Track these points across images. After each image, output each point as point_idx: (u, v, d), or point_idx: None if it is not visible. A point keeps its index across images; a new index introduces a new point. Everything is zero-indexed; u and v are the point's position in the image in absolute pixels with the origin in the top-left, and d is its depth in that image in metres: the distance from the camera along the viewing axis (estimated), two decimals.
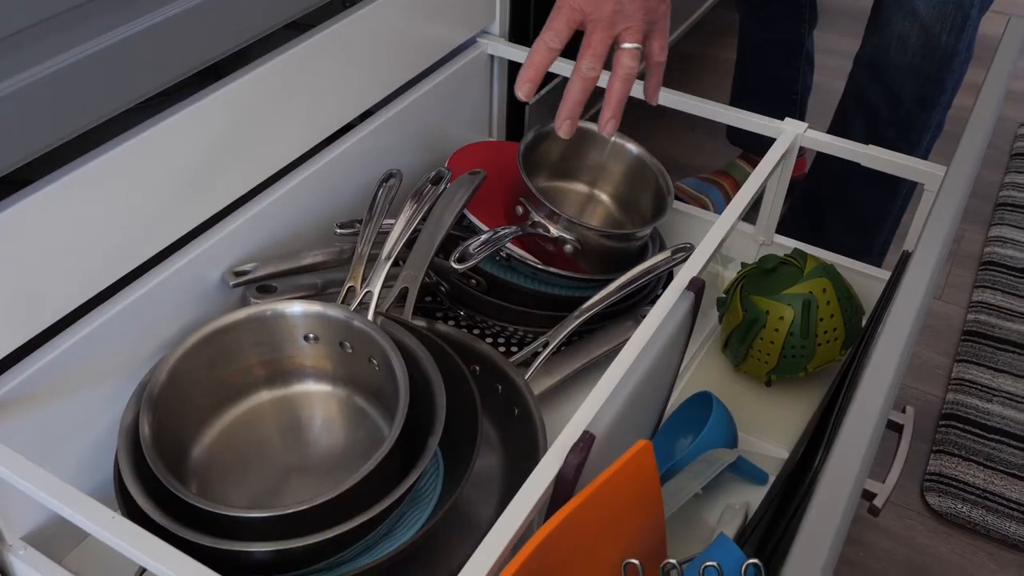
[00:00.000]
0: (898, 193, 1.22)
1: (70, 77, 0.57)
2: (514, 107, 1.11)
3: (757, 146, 1.43)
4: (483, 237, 0.78)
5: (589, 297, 0.80)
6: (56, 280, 0.62)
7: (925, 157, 1.17)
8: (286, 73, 0.75)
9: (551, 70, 0.95)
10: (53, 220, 0.60)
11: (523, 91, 0.76)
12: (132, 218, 0.66)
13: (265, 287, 0.77)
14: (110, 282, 0.66)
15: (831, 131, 1.22)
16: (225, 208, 0.74)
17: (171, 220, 0.69)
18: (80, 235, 0.62)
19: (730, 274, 1.00)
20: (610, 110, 0.76)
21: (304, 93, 0.78)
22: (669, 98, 0.91)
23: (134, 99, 0.62)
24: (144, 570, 0.63)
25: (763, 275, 0.85)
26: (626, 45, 0.74)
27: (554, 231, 0.81)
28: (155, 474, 0.59)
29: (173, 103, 0.67)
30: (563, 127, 0.77)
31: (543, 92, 1.18)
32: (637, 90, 0.93)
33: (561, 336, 0.78)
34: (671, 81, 0.85)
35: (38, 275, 0.60)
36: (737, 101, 1.45)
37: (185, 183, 0.69)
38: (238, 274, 0.75)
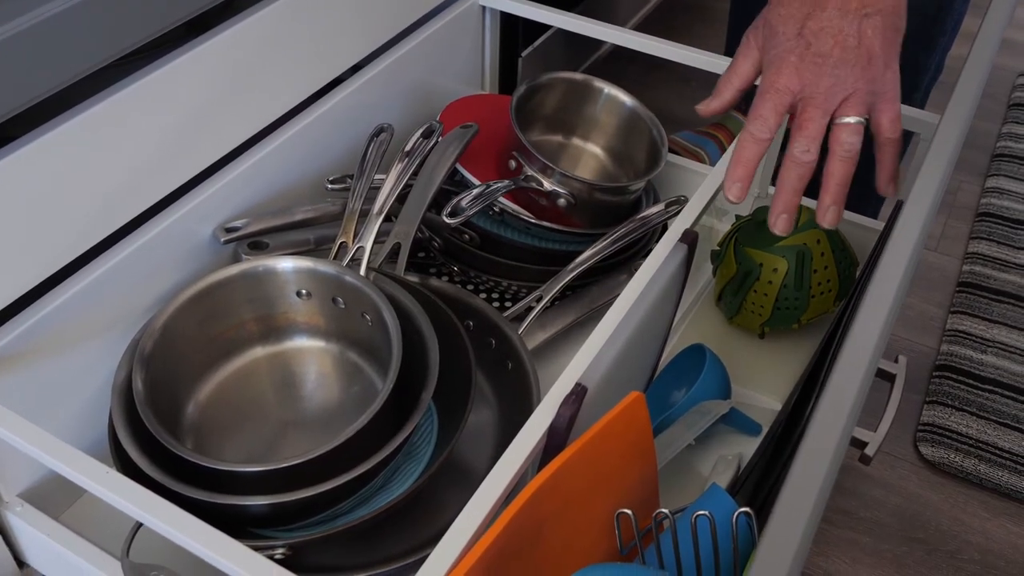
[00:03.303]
0: None
1: (53, 29, 0.56)
2: (506, 60, 1.09)
3: (753, 97, 1.42)
4: (475, 191, 0.77)
5: (582, 251, 0.80)
6: (43, 238, 0.61)
7: (924, 100, 1.16)
8: (274, 25, 0.73)
9: (545, 22, 0.95)
10: (39, 177, 0.59)
11: (733, 193, 0.66)
12: (119, 174, 0.65)
13: (256, 243, 0.76)
14: (98, 240, 0.66)
15: None
16: (215, 164, 0.74)
17: (159, 176, 0.69)
18: (66, 192, 0.62)
19: (724, 227, 0.99)
20: (830, 196, 0.66)
21: (293, 46, 0.76)
22: (664, 49, 0.89)
23: (118, 52, 0.61)
24: (141, 525, 0.63)
25: (757, 227, 0.85)
26: (847, 119, 0.63)
27: (547, 185, 0.80)
28: (150, 430, 0.59)
29: (159, 57, 0.66)
30: (779, 223, 0.67)
31: (536, 44, 1.16)
32: (624, 39, 0.92)
33: (554, 290, 0.78)
34: (667, 31, 0.84)
35: (25, 233, 0.60)
36: (731, 50, 1.43)
37: (173, 138, 0.68)
38: (229, 230, 0.75)
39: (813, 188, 1.07)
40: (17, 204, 0.59)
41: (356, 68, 0.87)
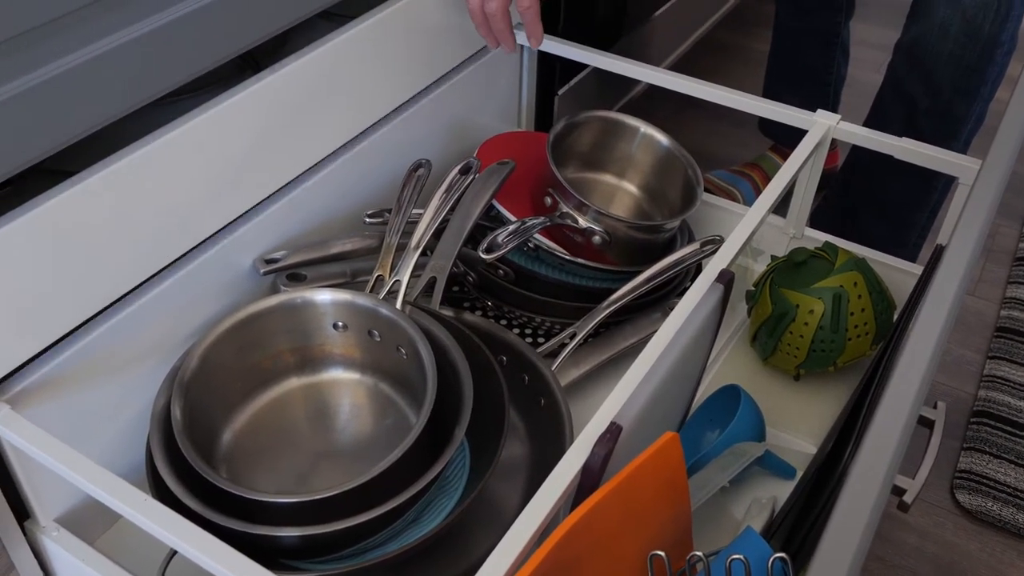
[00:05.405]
0: (933, 187, 1.20)
1: (104, 65, 0.57)
2: (543, 98, 1.11)
3: (789, 138, 1.42)
4: (511, 227, 0.78)
5: (617, 289, 0.80)
6: (99, 270, 0.62)
7: (964, 150, 1.16)
8: (325, 66, 0.75)
9: (582, 61, 0.96)
10: (96, 211, 0.61)
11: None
12: (173, 210, 0.66)
13: (295, 275, 0.77)
14: (152, 272, 0.67)
15: (868, 121, 1.21)
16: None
17: (211, 212, 0.70)
18: (122, 226, 0.63)
19: (760, 267, 0.99)
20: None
21: (343, 86, 0.78)
22: (700, 89, 0.90)
23: (167, 87, 0.63)
24: (175, 553, 0.64)
25: (793, 268, 0.84)
26: None
27: (582, 222, 0.81)
28: (186, 458, 0.59)
29: (213, 95, 0.68)
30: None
31: (572, 83, 1.17)
32: (660, 79, 0.93)
33: (588, 327, 0.78)
34: (702, 71, 0.84)
35: (83, 265, 0.61)
36: (770, 91, 1.43)
37: (226, 175, 0.69)
38: (268, 262, 0.76)
39: (849, 230, 1.06)
40: (75, 238, 0.60)
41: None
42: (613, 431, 0.55)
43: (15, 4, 0.51)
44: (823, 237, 0.94)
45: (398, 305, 0.71)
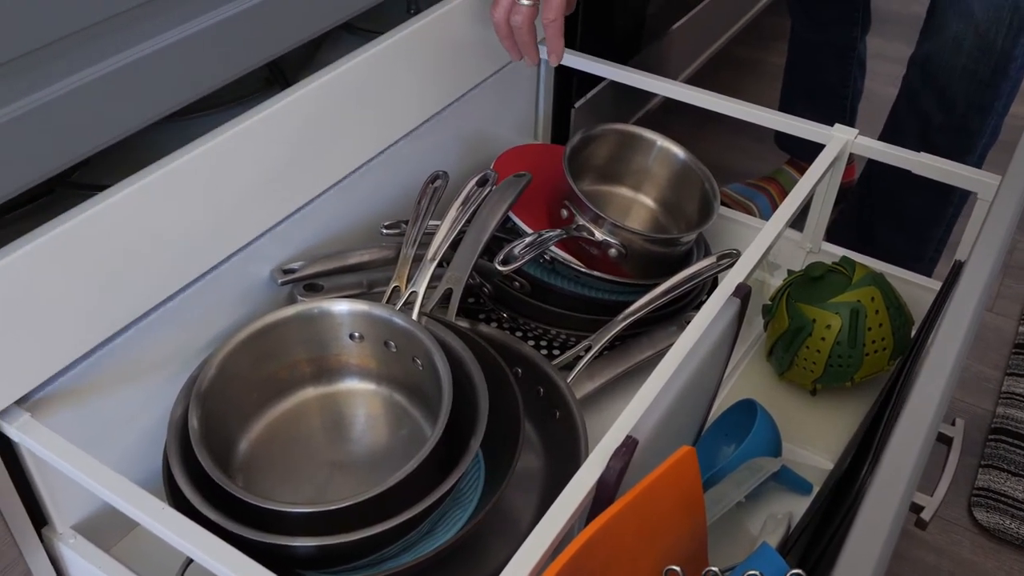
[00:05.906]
0: (950, 201, 1.20)
1: (126, 76, 0.58)
2: (560, 110, 1.11)
3: (805, 152, 1.42)
4: (527, 240, 0.78)
5: (632, 302, 0.80)
6: (126, 286, 0.63)
7: (979, 164, 1.15)
8: (354, 81, 0.75)
9: (599, 74, 0.96)
10: (124, 226, 0.61)
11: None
12: (200, 224, 0.67)
13: (312, 285, 0.78)
14: (178, 288, 0.67)
15: (883, 135, 1.20)
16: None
17: (238, 226, 0.70)
18: (149, 241, 0.63)
19: (776, 281, 0.99)
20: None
21: (372, 101, 0.78)
22: (716, 102, 0.90)
23: (188, 98, 0.63)
24: (191, 561, 0.64)
25: (810, 283, 0.84)
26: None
27: (598, 235, 0.81)
28: (203, 467, 0.60)
29: (242, 111, 0.68)
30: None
31: (589, 96, 1.18)
32: (677, 92, 0.93)
33: (604, 340, 0.78)
34: (719, 85, 0.84)
35: (110, 280, 0.61)
36: (786, 105, 1.43)
37: (254, 189, 0.70)
38: (286, 272, 0.76)
39: (866, 245, 1.06)
40: (101, 254, 0.60)
41: None
42: (629, 445, 0.54)
43: (34, 19, 0.52)
44: (840, 252, 0.93)
45: (414, 316, 0.71)
